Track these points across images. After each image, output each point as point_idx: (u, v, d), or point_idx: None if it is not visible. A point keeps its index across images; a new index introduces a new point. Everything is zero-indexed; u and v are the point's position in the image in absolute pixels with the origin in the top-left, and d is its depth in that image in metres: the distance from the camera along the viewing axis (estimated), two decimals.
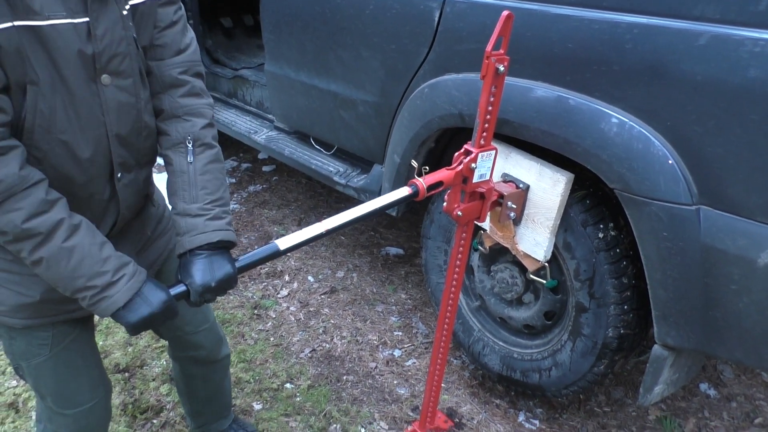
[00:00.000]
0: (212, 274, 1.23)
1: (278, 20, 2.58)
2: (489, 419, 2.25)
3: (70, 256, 1.13)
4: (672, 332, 1.61)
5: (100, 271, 1.16)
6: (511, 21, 1.34)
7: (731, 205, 1.41)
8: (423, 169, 1.47)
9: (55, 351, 1.40)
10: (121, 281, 1.17)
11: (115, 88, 1.19)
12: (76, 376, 1.47)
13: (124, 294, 1.17)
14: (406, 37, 2.03)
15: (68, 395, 1.47)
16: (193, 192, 1.30)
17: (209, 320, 1.72)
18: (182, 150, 1.32)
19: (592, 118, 1.55)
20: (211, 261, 1.25)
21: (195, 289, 1.22)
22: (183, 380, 1.86)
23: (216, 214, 1.30)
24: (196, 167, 1.32)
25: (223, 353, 1.80)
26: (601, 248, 1.74)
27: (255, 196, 3.85)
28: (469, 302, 2.33)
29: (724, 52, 1.32)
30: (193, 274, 1.23)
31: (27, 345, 1.38)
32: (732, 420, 2.28)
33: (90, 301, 1.16)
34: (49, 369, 1.41)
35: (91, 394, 1.51)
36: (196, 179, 1.31)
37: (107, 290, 1.16)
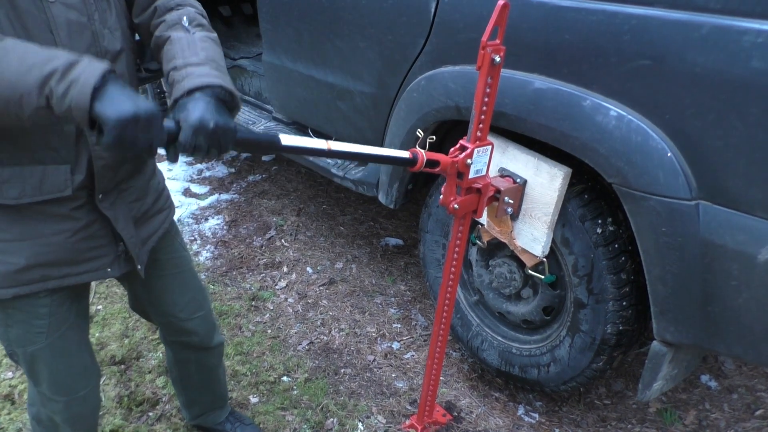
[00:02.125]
0: (212, 116, 1.07)
1: (275, 10, 2.55)
2: (488, 413, 2.24)
3: (7, 53, 0.99)
4: (671, 328, 1.59)
5: (52, 56, 1.00)
6: (507, 10, 1.33)
7: (731, 199, 1.39)
8: (429, 139, 1.46)
9: (52, 339, 1.40)
10: (83, 61, 1.00)
11: (62, 5, 1.14)
12: (71, 365, 1.48)
13: (92, 70, 0.99)
14: (403, 28, 2.00)
15: (63, 382, 1.48)
16: (193, 50, 1.21)
17: (204, 308, 1.71)
18: (178, 26, 1.26)
19: (590, 111, 1.52)
20: (212, 105, 1.10)
21: (189, 125, 1.05)
22: (176, 366, 1.86)
23: (217, 70, 1.19)
24: (195, 37, 1.24)
25: (217, 341, 1.79)
26: (600, 243, 1.72)
27: (254, 185, 3.83)
28: (467, 296, 2.32)
29: (723, 44, 1.29)
30: (191, 110, 1.07)
31: (24, 332, 1.37)
32: (733, 412, 2.27)
33: (58, 93, 0.97)
34: (45, 357, 1.41)
35: (85, 381, 1.53)
36: (195, 44, 1.22)
37: (70, 71, 0.98)
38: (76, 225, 1.31)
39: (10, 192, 1.21)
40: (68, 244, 1.31)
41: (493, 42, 1.34)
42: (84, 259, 1.36)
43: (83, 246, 1.34)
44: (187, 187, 3.82)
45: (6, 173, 1.19)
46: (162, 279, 1.60)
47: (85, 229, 1.33)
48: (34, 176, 1.21)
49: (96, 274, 1.40)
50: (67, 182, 1.25)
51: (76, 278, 1.36)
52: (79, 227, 1.32)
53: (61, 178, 1.24)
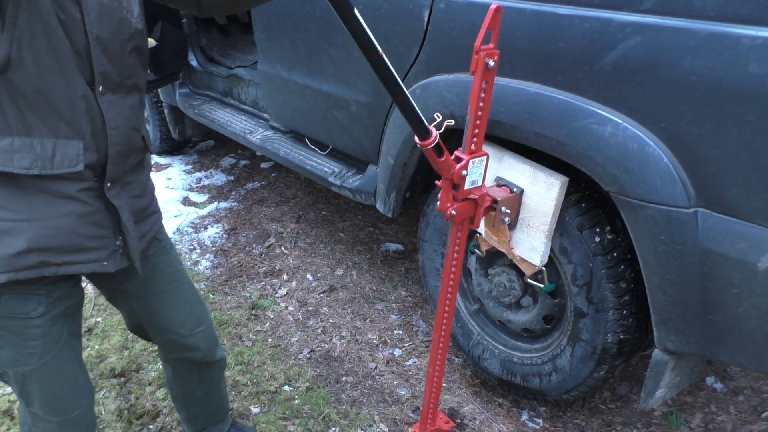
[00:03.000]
0: None
1: (269, 19, 2.55)
2: (491, 419, 2.23)
3: None
4: (672, 337, 1.58)
5: None
6: (500, 14, 1.31)
7: (729, 207, 1.37)
8: (448, 122, 1.45)
9: (44, 360, 1.38)
10: None
11: None
12: (64, 385, 1.46)
13: None
14: (396, 37, 1.99)
15: (55, 403, 1.46)
16: None
17: (204, 323, 1.69)
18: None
19: (586, 119, 1.51)
20: None
21: None
22: (177, 382, 1.84)
23: None
24: None
25: (219, 355, 1.78)
26: (598, 252, 1.71)
27: (253, 193, 3.83)
28: (467, 305, 2.30)
29: (719, 51, 1.28)
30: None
31: (15, 354, 1.36)
32: (739, 414, 2.25)
33: None
34: (37, 377, 1.40)
35: (78, 401, 1.50)
36: None
37: None
38: (81, 209, 1.30)
39: (22, 162, 1.20)
40: (71, 229, 1.30)
41: (486, 46, 1.33)
42: (84, 248, 1.34)
43: (85, 232, 1.32)
44: (186, 196, 3.81)
45: (17, 143, 1.19)
46: (159, 295, 1.59)
47: (89, 215, 1.32)
48: (45, 148, 1.21)
49: (92, 266, 1.37)
50: (79, 157, 1.25)
51: (73, 267, 1.34)
52: (84, 212, 1.31)
53: (73, 152, 1.24)
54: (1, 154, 1.18)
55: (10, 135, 1.19)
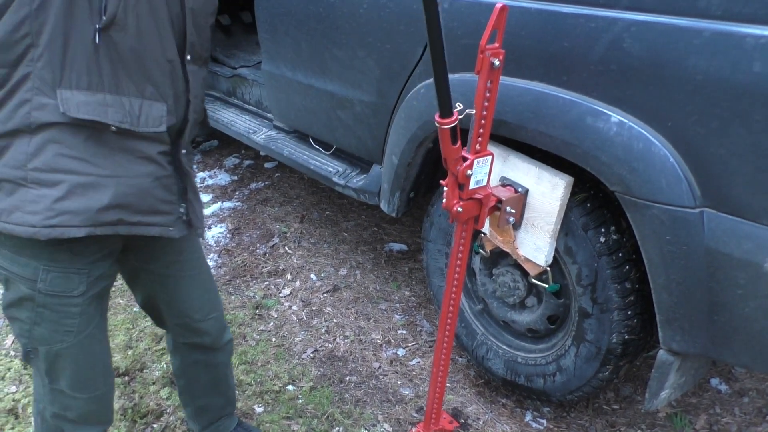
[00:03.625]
0: None
1: (273, 19, 2.55)
2: (495, 419, 2.22)
3: None
4: (677, 337, 1.58)
5: None
6: (506, 13, 1.30)
7: (736, 207, 1.37)
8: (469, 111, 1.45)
9: (80, 338, 1.42)
10: None
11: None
12: (94, 363, 1.50)
13: None
14: (401, 36, 1.98)
15: (85, 380, 1.50)
16: None
17: (218, 310, 1.73)
18: None
19: (591, 118, 1.51)
20: None
21: None
22: (184, 370, 1.85)
23: None
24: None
25: (226, 338, 1.80)
26: (603, 252, 1.70)
27: (257, 193, 3.83)
28: (471, 305, 2.30)
29: (725, 50, 1.27)
30: None
31: (52, 331, 1.39)
32: (744, 416, 2.25)
33: None
34: (71, 355, 1.43)
35: (105, 379, 1.55)
36: None
37: None
38: (158, 171, 1.35)
39: (115, 116, 1.24)
40: (149, 190, 1.34)
41: (491, 45, 1.32)
42: (156, 210, 1.38)
43: (159, 195, 1.36)
44: None
45: (109, 99, 1.24)
46: (182, 279, 1.62)
47: (164, 178, 1.37)
48: (133, 106, 1.27)
49: (162, 229, 1.41)
50: (162, 119, 1.31)
51: (145, 228, 1.37)
52: (161, 174, 1.35)
53: (157, 114, 1.30)
54: (96, 107, 1.22)
55: (103, 91, 1.23)
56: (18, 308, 1.37)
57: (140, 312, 2.72)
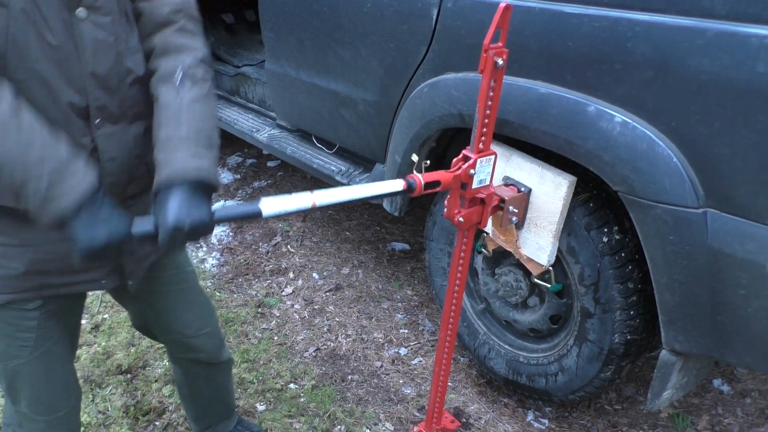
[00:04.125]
0: (188, 215, 1.11)
1: (277, 18, 2.55)
2: (497, 419, 2.22)
3: (14, 133, 1.04)
4: (679, 338, 1.57)
5: (46, 156, 1.07)
6: (509, 12, 1.30)
7: (739, 208, 1.36)
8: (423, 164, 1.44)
9: (37, 354, 1.37)
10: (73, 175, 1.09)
11: (92, 24, 1.14)
12: (53, 382, 1.45)
13: (75, 191, 1.07)
14: (405, 35, 1.98)
15: (44, 400, 1.45)
16: (177, 126, 1.21)
17: (210, 324, 1.69)
18: (170, 84, 1.24)
19: (594, 118, 1.50)
20: (188, 200, 1.13)
21: (166, 230, 1.09)
22: (186, 383, 1.84)
23: (198, 151, 1.20)
24: (183, 101, 1.22)
25: (225, 356, 1.78)
26: (606, 252, 1.70)
27: (260, 191, 3.83)
28: (473, 305, 2.30)
29: (729, 50, 1.27)
30: (168, 212, 1.11)
31: (7, 346, 1.35)
32: (746, 416, 2.24)
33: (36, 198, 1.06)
34: (28, 372, 1.39)
35: (66, 401, 1.50)
36: (181, 113, 1.21)
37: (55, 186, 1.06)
38: None
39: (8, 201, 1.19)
40: (67, 253, 1.27)
41: (495, 45, 1.32)
42: (81, 269, 1.34)
43: None
44: None
45: None
46: (166, 295, 1.58)
47: None
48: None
49: (91, 285, 1.38)
50: None
51: (72, 288, 1.35)
52: None
53: None
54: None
55: None
56: None
57: None
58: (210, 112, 1.27)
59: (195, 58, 1.28)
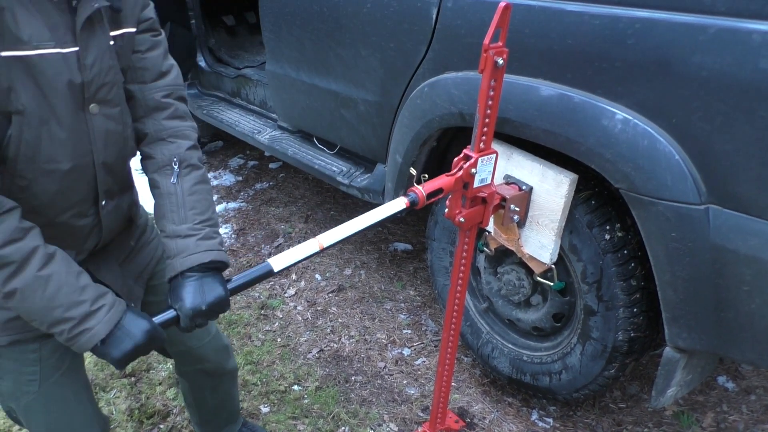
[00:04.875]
0: (203, 297, 1.19)
1: (277, 19, 2.55)
2: (501, 418, 2.22)
3: (46, 285, 1.09)
4: (683, 334, 1.57)
5: (77, 300, 1.11)
6: (509, 12, 1.30)
7: (741, 204, 1.36)
8: (422, 176, 1.45)
9: (45, 387, 1.35)
10: (101, 312, 1.13)
11: (103, 116, 1.19)
12: (69, 413, 1.42)
13: (104, 326, 1.12)
14: (405, 35, 1.98)
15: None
16: (181, 213, 1.28)
17: (211, 332, 1.69)
18: (168, 172, 1.30)
19: (595, 115, 1.50)
20: (202, 283, 1.21)
21: (185, 314, 1.18)
22: (191, 393, 1.83)
23: (207, 234, 1.27)
24: (184, 188, 1.29)
25: (231, 365, 1.78)
26: (608, 250, 1.70)
27: (262, 193, 3.83)
28: (476, 304, 2.30)
29: (730, 47, 1.27)
30: (184, 298, 1.19)
31: (15, 383, 1.34)
32: (751, 413, 2.24)
33: (68, 335, 1.11)
34: (39, 407, 1.37)
35: (90, 431, 1.47)
36: (184, 200, 1.28)
37: (86, 322, 1.11)
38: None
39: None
40: None
41: (495, 44, 1.32)
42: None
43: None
44: None
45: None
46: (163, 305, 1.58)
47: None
48: None
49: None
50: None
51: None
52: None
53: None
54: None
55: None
56: None
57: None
58: (209, 195, 1.35)
59: (189, 145, 1.35)
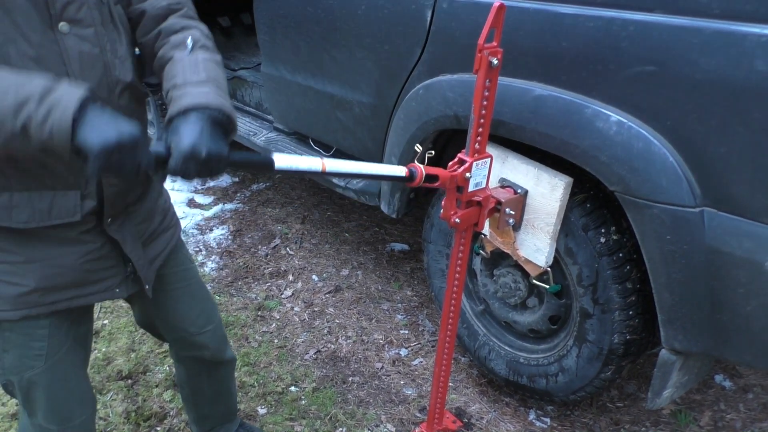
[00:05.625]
0: (206, 142, 1.03)
1: (272, 21, 2.54)
2: (499, 418, 2.22)
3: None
4: (679, 336, 1.57)
5: (26, 80, 0.98)
6: (503, 12, 1.30)
7: (736, 206, 1.36)
8: (427, 154, 1.44)
9: (50, 362, 1.38)
10: (60, 85, 0.99)
11: (75, 37, 1.14)
12: (68, 391, 1.45)
13: (71, 95, 0.97)
14: (399, 37, 1.98)
15: (59, 409, 1.45)
16: (194, 69, 1.20)
17: (214, 321, 1.70)
18: (182, 48, 1.24)
19: (590, 118, 1.50)
20: (208, 129, 1.07)
21: (180, 152, 1.02)
22: (188, 381, 1.84)
23: (219, 93, 1.17)
24: (198, 58, 1.23)
25: (228, 356, 1.79)
26: (604, 253, 1.70)
27: (258, 194, 3.83)
28: (473, 306, 2.30)
29: (724, 49, 1.27)
30: (183, 134, 1.03)
31: (20, 357, 1.35)
32: (749, 412, 2.24)
33: (36, 119, 0.95)
34: (43, 381, 1.39)
35: (81, 409, 1.50)
36: (197, 63, 1.21)
37: (48, 95, 0.96)
38: (85, 248, 1.31)
39: (19, 216, 1.20)
40: (77, 267, 1.31)
41: (490, 44, 1.32)
42: (93, 281, 1.35)
43: (92, 268, 1.34)
44: (191, 197, 3.82)
45: (15, 198, 1.19)
46: (170, 293, 1.59)
47: (94, 251, 1.33)
48: (43, 201, 1.21)
49: (104, 295, 1.40)
50: (76, 208, 1.25)
51: (85, 299, 1.36)
52: (88, 250, 1.32)
53: (70, 203, 1.24)
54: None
55: (9, 190, 1.19)
56: None
57: None
58: (223, 74, 1.26)
59: (202, 33, 1.31)
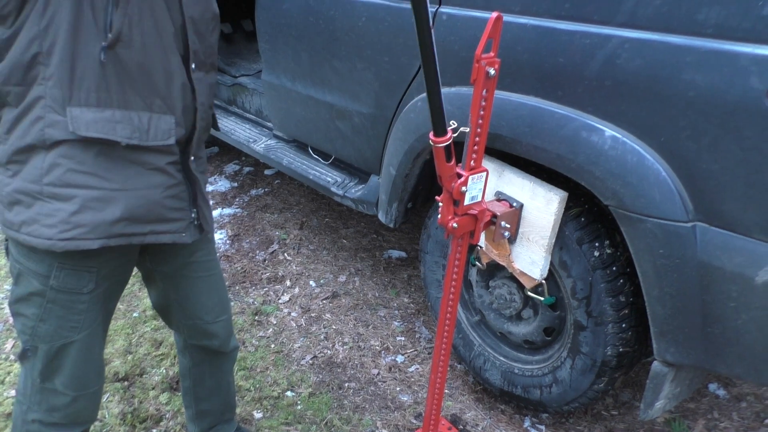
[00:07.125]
0: None
1: (273, 30, 2.56)
2: (494, 425, 2.23)
3: None
4: (671, 349, 1.59)
5: None
6: (501, 23, 1.31)
7: (728, 222, 1.38)
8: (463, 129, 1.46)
9: (83, 334, 1.44)
10: None
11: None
12: (92, 361, 1.51)
13: None
14: (399, 49, 2.00)
15: (80, 377, 1.50)
16: None
17: (227, 312, 1.75)
18: None
19: (585, 133, 1.52)
20: None
21: None
22: (191, 371, 1.86)
23: None
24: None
25: (233, 344, 1.83)
26: (597, 266, 1.72)
27: (257, 199, 3.84)
28: (469, 317, 2.32)
29: (718, 67, 1.29)
30: None
31: (57, 327, 1.40)
32: (742, 420, 2.26)
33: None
34: (72, 352, 1.44)
35: (98, 379, 1.56)
36: None
37: None
38: (168, 181, 1.38)
39: (123, 131, 1.27)
40: (158, 200, 1.37)
41: (487, 55, 1.33)
42: (167, 219, 1.40)
43: (170, 204, 1.39)
44: None
45: (118, 115, 1.26)
46: (195, 281, 1.64)
47: (174, 186, 1.39)
48: (142, 121, 1.30)
49: (174, 236, 1.44)
50: (170, 132, 1.34)
51: (157, 237, 1.40)
52: (170, 183, 1.38)
53: (166, 126, 1.33)
54: (104, 124, 1.25)
55: (112, 107, 1.26)
56: (26, 304, 1.39)
57: (140, 317, 2.74)
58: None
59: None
